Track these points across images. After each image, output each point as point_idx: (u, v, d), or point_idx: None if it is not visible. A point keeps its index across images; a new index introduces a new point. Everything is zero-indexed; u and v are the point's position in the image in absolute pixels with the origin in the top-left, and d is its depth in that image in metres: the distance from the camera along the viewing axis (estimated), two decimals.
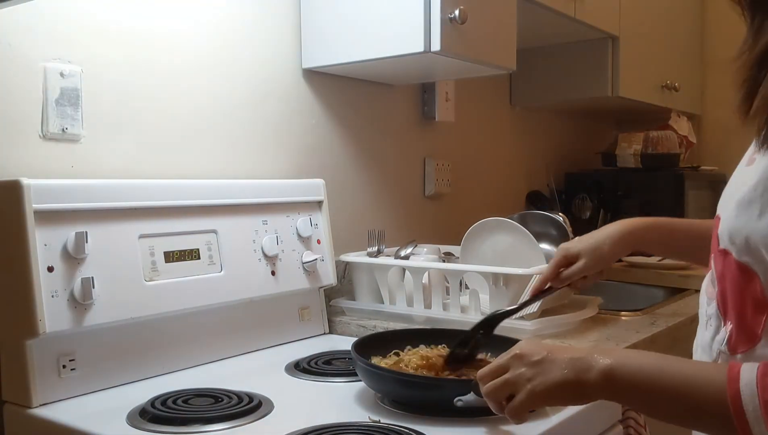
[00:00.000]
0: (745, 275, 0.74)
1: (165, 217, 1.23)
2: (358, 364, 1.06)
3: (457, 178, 2.16)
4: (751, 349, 0.74)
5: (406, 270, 1.51)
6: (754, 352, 0.74)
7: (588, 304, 1.55)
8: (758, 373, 0.67)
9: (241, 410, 1.00)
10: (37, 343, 1.05)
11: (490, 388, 0.86)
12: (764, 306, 0.72)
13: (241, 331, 1.35)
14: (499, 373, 0.85)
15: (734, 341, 0.77)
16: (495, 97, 2.41)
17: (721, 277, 0.79)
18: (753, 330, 0.74)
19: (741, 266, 0.74)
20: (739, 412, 0.66)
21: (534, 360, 0.82)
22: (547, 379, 0.80)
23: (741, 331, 0.76)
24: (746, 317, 0.75)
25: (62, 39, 1.20)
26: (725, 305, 0.79)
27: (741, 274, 0.75)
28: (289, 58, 1.61)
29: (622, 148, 2.63)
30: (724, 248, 0.77)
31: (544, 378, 0.80)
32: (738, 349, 0.76)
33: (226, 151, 1.48)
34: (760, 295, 0.72)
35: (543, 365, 0.81)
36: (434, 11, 1.42)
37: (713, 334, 0.81)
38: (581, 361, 0.78)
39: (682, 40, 2.90)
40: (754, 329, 0.74)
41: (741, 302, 0.75)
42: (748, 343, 0.75)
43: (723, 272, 0.78)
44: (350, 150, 1.79)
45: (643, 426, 1.22)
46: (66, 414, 1.02)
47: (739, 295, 0.76)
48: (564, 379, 0.79)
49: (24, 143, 1.16)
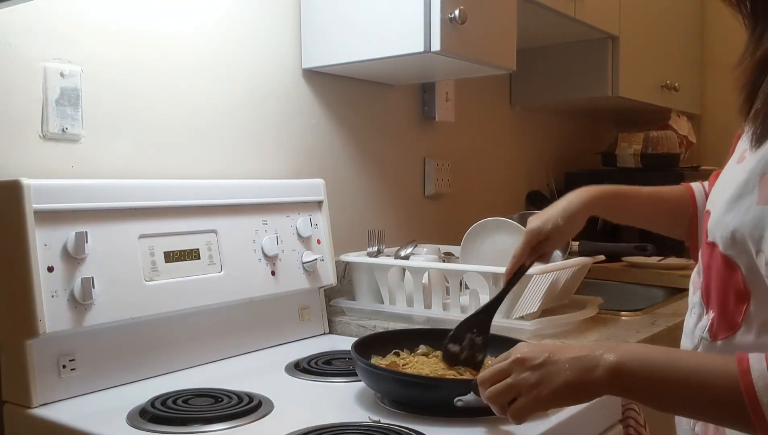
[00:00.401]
0: (728, 267, 0.78)
1: (165, 217, 1.23)
2: (358, 364, 1.06)
3: (457, 178, 2.16)
4: (731, 336, 0.79)
5: (406, 270, 1.51)
6: (734, 339, 0.78)
7: (588, 304, 1.55)
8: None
9: (241, 410, 1.00)
10: (37, 343, 1.05)
11: (492, 392, 0.85)
12: (745, 296, 0.77)
13: (241, 331, 1.35)
14: (500, 377, 0.85)
15: (715, 328, 0.81)
16: (495, 97, 2.41)
17: (707, 268, 0.83)
18: (734, 319, 0.78)
19: (725, 259, 0.78)
20: (754, 402, 0.68)
21: (536, 364, 0.82)
22: (552, 382, 0.80)
23: (722, 319, 0.80)
24: (728, 306, 0.79)
25: (62, 39, 1.20)
26: (708, 295, 0.83)
27: (725, 266, 0.78)
28: (289, 58, 1.61)
29: (622, 148, 2.62)
30: (712, 241, 0.80)
31: (549, 381, 0.80)
32: (718, 335, 0.81)
33: (226, 151, 1.48)
34: (742, 286, 0.77)
35: (546, 368, 0.81)
36: (434, 11, 1.42)
37: (696, 321, 0.85)
38: (585, 360, 0.78)
39: (682, 40, 2.90)
40: (735, 318, 0.78)
41: (724, 292, 0.80)
42: (728, 331, 0.79)
43: (709, 263, 0.82)
44: (350, 150, 1.79)
45: (643, 425, 1.22)
46: (66, 414, 1.02)
47: (722, 285, 0.80)
48: (569, 380, 0.79)
49: (24, 143, 1.16)
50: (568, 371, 0.79)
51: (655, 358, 0.76)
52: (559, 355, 0.81)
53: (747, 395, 0.68)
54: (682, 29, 2.90)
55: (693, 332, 0.86)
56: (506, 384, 0.84)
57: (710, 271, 0.82)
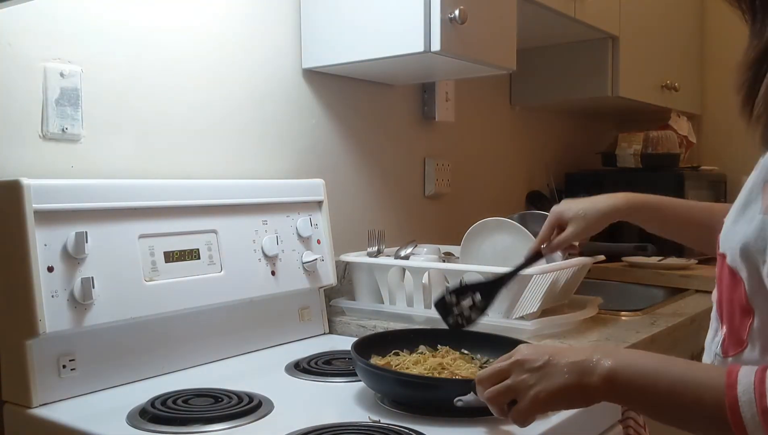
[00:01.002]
0: (733, 280, 0.75)
1: (165, 217, 1.23)
2: (358, 364, 1.06)
3: (457, 178, 2.16)
4: (740, 352, 0.75)
5: (406, 270, 1.51)
6: (742, 356, 0.75)
7: (588, 304, 1.55)
8: (756, 380, 0.67)
9: (241, 410, 1.00)
10: (37, 343, 1.05)
11: (492, 393, 0.85)
12: (748, 312, 0.73)
13: (241, 331, 1.35)
14: (499, 378, 0.85)
15: (726, 345, 0.78)
16: (495, 97, 2.41)
17: (719, 282, 0.80)
18: (740, 335, 0.75)
19: (731, 271, 0.75)
20: (737, 419, 0.66)
21: (536, 366, 0.81)
22: (550, 385, 0.80)
23: (731, 335, 0.77)
24: (735, 322, 0.76)
25: (62, 39, 1.20)
26: (721, 309, 0.80)
27: (731, 279, 0.76)
28: (289, 58, 1.61)
29: (622, 148, 2.62)
30: (723, 252, 0.78)
31: (547, 384, 0.80)
32: (729, 352, 0.77)
33: (226, 151, 1.48)
34: (745, 301, 0.73)
35: (545, 371, 0.81)
36: (434, 11, 1.42)
37: (713, 337, 0.82)
38: (582, 365, 0.78)
39: (682, 40, 2.90)
40: (741, 334, 0.75)
41: (731, 307, 0.77)
42: (737, 347, 0.76)
43: (720, 276, 0.79)
44: (350, 150, 1.79)
45: (643, 426, 1.22)
46: (66, 414, 1.02)
47: (730, 299, 0.77)
48: (566, 384, 0.79)
49: (24, 143, 1.16)
50: (566, 375, 0.79)
51: (648, 367, 0.75)
52: (559, 358, 0.81)
53: (730, 410, 0.66)
54: (682, 29, 2.90)
55: (710, 348, 0.83)
56: (505, 385, 0.84)
57: (721, 284, 0.80)
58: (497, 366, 0.86)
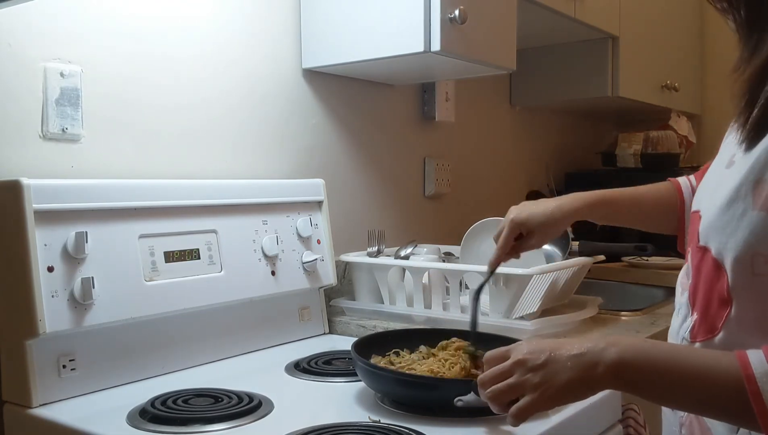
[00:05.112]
0: (717, 272, 0.79)
1: (165, 217, 1.23)
2: (358, 364, 1.06)
3: (457, 178, 2.16)
4: (710, 339, 0.81)
5: (406, 270, 1.51)
6: (712, 342, 0.81)
7: (588, 304, 1.55)
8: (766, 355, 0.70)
9: (241, 410, 1.00)
10: (37, 343, 1.05)
11: (494, 392, 0.85)
12: (727, 303, 0.78)
13: (241, 331, 1.35)
14: (501, 378, 0.85)
15: (696, 330, 0.84)
16: (495, 97, 2.41)
17: (696, 271, 0.85)
18: (714, 323, 0.81)
19: (716, 263, 0.79)
20: (755, 392, 0.69)
21: (538, 364, 0.81)
22: (555, 381, 0.80)
23: (703, 322, 0.83)
24: (711, 310, 0.81)
25: (62, 39, 1.20)
26: (695, 297, 0.85)
27: (714, 270, 0.80)
28: (289, 58, 1.61)
29: (622, 148, 2.63)
30: (704, 245, 0.82)
31: (552, 381, 0.80)
32: (698, 337, 0.83)
33: (226, 151, 1.48)
34: (725, 293, 0.78)
35: (548, 368, 0.80)
36: (434, 11, 1.42)
37: (681, 322, 0.88)
38: (586, 357, 0.78)
39: (682, 40, 2.90)
40: (716, 322, 0.80)
41: (709, 296, 0.82)
42: (708, 334, 0.82)
43: (699, 267, 0.84)
44: (350, 150, 1.79)
45: (643, 426, 1.22)
46: (66, 414, 1.02)
47: (709, 289, 0.81)
48: (572, 378, 0.79)
49: (24, 143, 1.16)
50: (570, 369, 0.79)
51: (657, 354, 0.77)
52: (560, 352, 0.80)
53: (748, 385, 0.69)
54: (682, 29, 2.90)
55: (677, 333, 0.88)
56: (508, 384, 0.84)
57: (699, 275, 0.84)
58: (498, 367, 0.86)
